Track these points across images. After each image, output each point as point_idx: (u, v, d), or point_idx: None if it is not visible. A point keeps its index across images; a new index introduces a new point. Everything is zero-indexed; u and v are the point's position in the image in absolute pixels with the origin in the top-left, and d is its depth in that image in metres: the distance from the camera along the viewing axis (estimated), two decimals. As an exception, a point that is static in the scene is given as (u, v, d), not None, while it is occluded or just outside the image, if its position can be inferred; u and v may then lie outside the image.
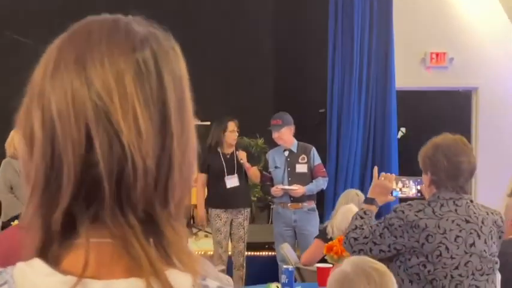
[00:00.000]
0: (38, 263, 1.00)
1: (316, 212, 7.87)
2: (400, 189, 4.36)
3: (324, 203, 8.76)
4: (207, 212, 8.07)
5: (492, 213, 3.89)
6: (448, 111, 11.01)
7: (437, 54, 9.81)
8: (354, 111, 9.25)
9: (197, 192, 8.28)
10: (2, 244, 3.69)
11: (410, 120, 11.97)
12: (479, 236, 3.75)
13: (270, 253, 8.44)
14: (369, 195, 4.26)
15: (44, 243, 1.01)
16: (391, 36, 9.37)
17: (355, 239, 3.90)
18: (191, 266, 1.00)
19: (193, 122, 1.07)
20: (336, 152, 9.29)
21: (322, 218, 7.83)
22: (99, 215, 0.98)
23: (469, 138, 9.68)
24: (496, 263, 3.84)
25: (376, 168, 4.40)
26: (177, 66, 1.06)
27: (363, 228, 3.92)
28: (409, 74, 9.68)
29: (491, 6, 9.81)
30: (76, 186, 0.97)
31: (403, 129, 12.35)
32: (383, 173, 4.32)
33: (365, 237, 3.86)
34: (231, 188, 7.86)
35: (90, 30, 1.04)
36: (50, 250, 1.01)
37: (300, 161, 7.85)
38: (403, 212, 3.74)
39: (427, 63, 9.82)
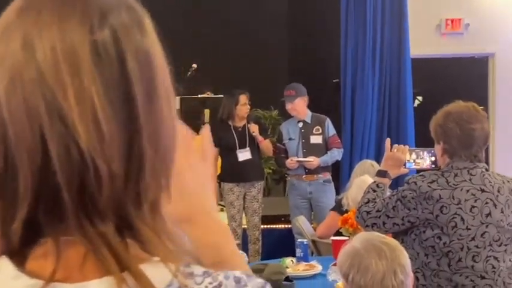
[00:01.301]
0: (4, 263, 0.90)
1: (332, 184, 7.82)
2: (414, 161, 4.25)
3: (340, 174, 8.69)
4: (220, 186, 8.00)
5: (508, 181, 3.81)
6: (465, 78, 10.86)
7: (452, 21, 9.63)
8: (368, 80, 9.12)
9: (209, 166, 8.23)
10: None
11: (427, 89, 11.83)
12: (495, 205, 3.68)
13: (286, 226, 8.37)
14: (381, 168, 4.19)
15: (5, 248, 0.90)
16: (405, 3, 9.20)
17: (368, 212, 3.84)
18: (171, 257, 0.91)
19: (170, 108, 0.95)
20: (350, 122, 9.18)
21: (338, 190, 7.74)
22: (65, 223, 0.88)
23: (486, 105, 9.57)
24: (515, 232, 3.76)
25: (388, 140, 4.33)
26: (144, 45, 0.92)
27: (375, 202, 3.86)
28: (424, 42, 9.53)
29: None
30: (34, 196, 0.86)
31: (419, 98, 12.21)
32: (395, 145, 4.25)
33: (378, 211, 3.80)
34: (243, 161, 7.80)
35: (41, 7, 0.90)
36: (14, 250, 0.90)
37: (314, 132, 7.79)
38: (415, 183, 3.67)
39: (442, 29, 9.65)
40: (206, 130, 1.28)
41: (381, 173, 4.11)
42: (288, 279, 4.74)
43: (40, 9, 0.89)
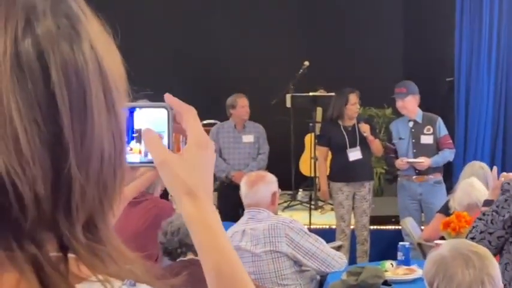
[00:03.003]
0: None
1: (443, 185, 7.62)
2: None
3: (452, 175, 8.44)
4: (329, 186, 7.91)
5: None
6: None
7: None
8: (484, 79, 8.86)
9: (319, 165, 8.18)
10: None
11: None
12: None
13: (396, 227, 8.19)
14: (488, 198, 4.05)
15: None
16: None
17: (472, 238, 3.73)
18: (112, 276, 0.87)
19: (113, 123, 0.88)
20: (464, 122, 8.95)
21: (450, 191, 7.53)
22: None
23: None
24: None
25: (495, 169, 4.21)
26: (75, 57, 0.84)
27: (477, 227, 3.72)
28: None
29: None
30: None
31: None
32: (503, 173, 4.07)
33: (481, 233, 3.70)
34: (353, 161, 7.67)
35: None
36: None
37: (425, 132, 7.60)
38: (508, 183, 3.57)
39: None
40: (188, 120, 1.22)
41: (487, 203, 3.96)
42: (386, 283, 4.65)
43: None
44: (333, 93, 8.30)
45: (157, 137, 1.18)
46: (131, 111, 1.22)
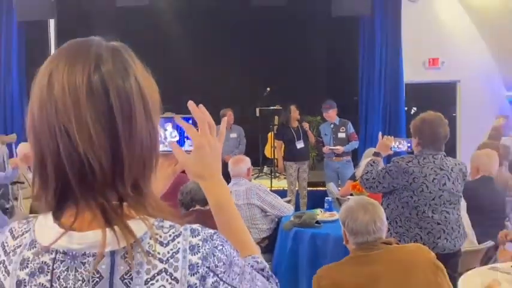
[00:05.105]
0: (50, 217, 0.90)
1: (351, 163, 7.67)
2: (397, 146, 4.11)
3: (357, 157, 8.48)
4: (284, 164, 7.94)
5: (459, 164, 3.66)
6: (441, 97, 10.41)
7: (433, 60, 9.28)
8: (375, 98, 8.93)
9: (277, 152, 8.22)
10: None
11: (418, 103, 11.42)
12: (449, 178, 3.54)
13: (323, 188, 8.21)
14: (375, 151, 4.05)
15: (49, 209, 0.90)
16: (400, 48, 8.94)
17: (367, 180, 3.74)
18: (150, 216, 0.89)
19: (149, 126, 0.89)
20: (364, 124, 9.01)
21: (356, 167, 7.56)
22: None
23: (455, 112, 9.18)
24: (460, 196, 3.61)
25: (380, 133, 4.19)
26: (125, 86, 0.87)
27: (371, 172, 3.73)
28: (416, 73, 9.19)
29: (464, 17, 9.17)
30: (56, 179, 0.86)
31: (414, 108, 11.84)
32: (385, 136, 4.09)
33: (373, 179, 3.69)
34: (299, 148, 7.71)
35: (60, 58, 0.87)
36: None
37: (340, 130, 7.66)
38: (398, 162, 3.58)
39: (426, 65, 9.32)
40: (223, 124, 1.25)
41: (376, 154, 3.97)
42: (317, 222, 4.68)
43: (59, 59, 0.88)
44: (279, 107, 8.33)
45: (181, 151, 1.16)
46: (188, 119, 1.18)
